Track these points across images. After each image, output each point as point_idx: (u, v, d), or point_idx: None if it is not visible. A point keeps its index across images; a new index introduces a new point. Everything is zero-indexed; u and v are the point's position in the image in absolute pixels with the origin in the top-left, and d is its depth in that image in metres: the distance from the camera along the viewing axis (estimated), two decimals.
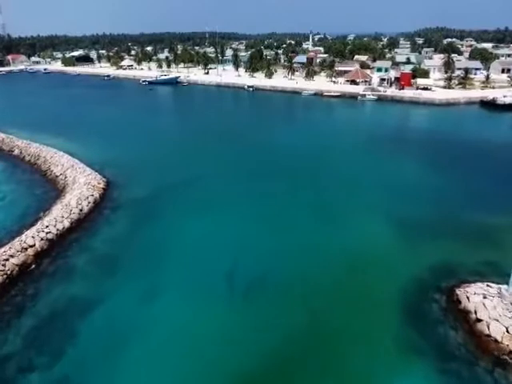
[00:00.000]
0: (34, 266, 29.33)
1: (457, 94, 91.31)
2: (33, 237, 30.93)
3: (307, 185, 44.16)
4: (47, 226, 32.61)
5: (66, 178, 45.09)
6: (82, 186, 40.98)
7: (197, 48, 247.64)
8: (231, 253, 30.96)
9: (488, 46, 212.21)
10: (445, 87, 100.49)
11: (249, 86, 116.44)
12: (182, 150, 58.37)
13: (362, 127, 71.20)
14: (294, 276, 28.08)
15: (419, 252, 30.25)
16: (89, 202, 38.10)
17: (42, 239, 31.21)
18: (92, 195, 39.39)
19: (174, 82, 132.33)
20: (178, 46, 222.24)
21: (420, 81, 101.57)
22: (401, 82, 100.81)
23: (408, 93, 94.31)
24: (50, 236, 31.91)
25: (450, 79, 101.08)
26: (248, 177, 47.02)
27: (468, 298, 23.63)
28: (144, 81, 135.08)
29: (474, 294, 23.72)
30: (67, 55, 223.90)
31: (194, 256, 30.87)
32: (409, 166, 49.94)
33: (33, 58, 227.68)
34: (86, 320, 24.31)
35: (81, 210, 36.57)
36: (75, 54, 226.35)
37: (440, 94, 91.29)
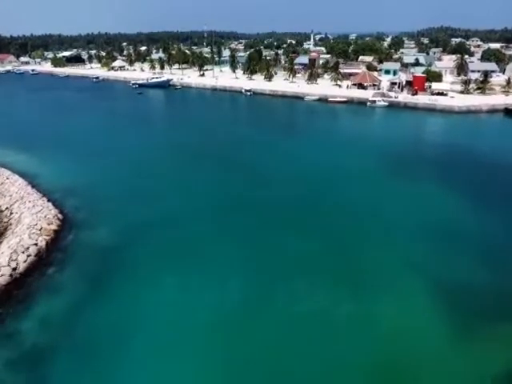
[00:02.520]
0: None
1: (478, 101, 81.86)
2: None
3: (314, 226, 34.82)
4: None
5: (11, 214, 35.79)
6: (24, 229, 31.59)
7: (194, 48, 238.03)
8: (223, 346, 21.64)
9: (496, 46, 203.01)
10: (462, 92, 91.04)
11: (246, 90, 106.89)
12: (164, 174, 48.60)
13: (377, 141, 61.66)
14: None
15: (486, 355, 20.82)
16: (28, 256, 28.72)
17: None
18: (35, 244, 30.00)
19: (165, 85, 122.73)
20: (175, 46, 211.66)
21: (435, 85, 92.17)
22: (414, 86, 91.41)
23: (423, 99, 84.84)
24: None
25: (467, 83, 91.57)
26: (243, 215, 37.56)
27: None
28: (134, 83, 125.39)
29: None
30: (58, 55, 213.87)
31: (172, 349, 21.53)
32: (444, 196, 40.34)
33: (22, 58, 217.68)
34: None
35: (14, 270, 27.21)
36: (66, 54, 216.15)
37: (459, 101, 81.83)
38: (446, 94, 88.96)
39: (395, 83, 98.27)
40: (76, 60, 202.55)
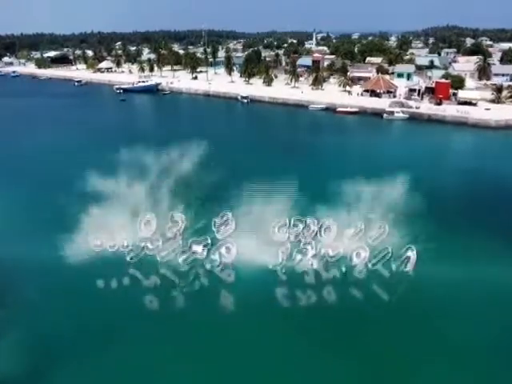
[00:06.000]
0: None
1: None
2: None
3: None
4: None
5: None
6: None
7: (191, 48, 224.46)
8: None
9: (509, 45, 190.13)
10: (493, 101, 78.12)
11: (243, 97, 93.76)
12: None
13: (404, 168, 47.54)
14: None
15: None
16: None
17: None
18: None
19: (153, 90, 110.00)
20: (168, 45, 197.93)
21: (461, 93, 79.21)
22: (437, 94, 78.47)
23: (450, 110, 71.91)
24: None
25: (500, 90, 78.59)
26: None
27: None
28: (118, 88, 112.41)
29: None
30: (45, 55, 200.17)
31: None
32: None
33: (5, 59, 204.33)
34: None
35: None
36: (51, 54, 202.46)
37: (496, 113, 68.86)
38: (475, 104, 76.06)
39: (414, 90, 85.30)
40: (62, 61, 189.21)
